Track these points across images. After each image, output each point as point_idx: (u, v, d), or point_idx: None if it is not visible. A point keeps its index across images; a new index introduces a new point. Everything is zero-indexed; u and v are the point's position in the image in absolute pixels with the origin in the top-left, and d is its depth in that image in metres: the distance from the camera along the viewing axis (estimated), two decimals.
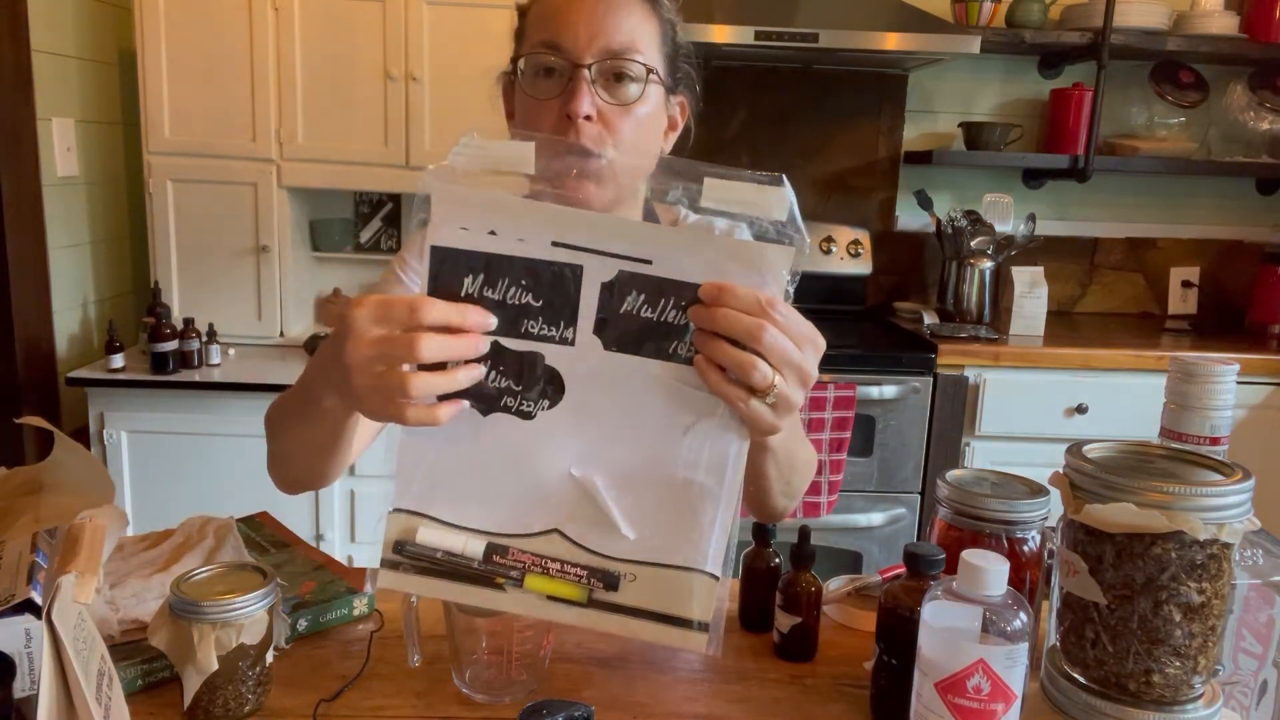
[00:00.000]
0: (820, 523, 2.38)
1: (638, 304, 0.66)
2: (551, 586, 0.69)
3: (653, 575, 0.68)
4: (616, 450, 0.67)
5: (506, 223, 0.65)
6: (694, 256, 0.65)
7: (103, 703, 0.66)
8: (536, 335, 0.66)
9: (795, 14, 2.50)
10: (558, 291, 0.65)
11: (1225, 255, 3.04)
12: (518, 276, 0.65)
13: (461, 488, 0.68)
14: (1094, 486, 0.68)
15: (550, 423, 0.67)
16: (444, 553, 0.68)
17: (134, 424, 2.35)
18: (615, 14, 0.97)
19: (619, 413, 0.67)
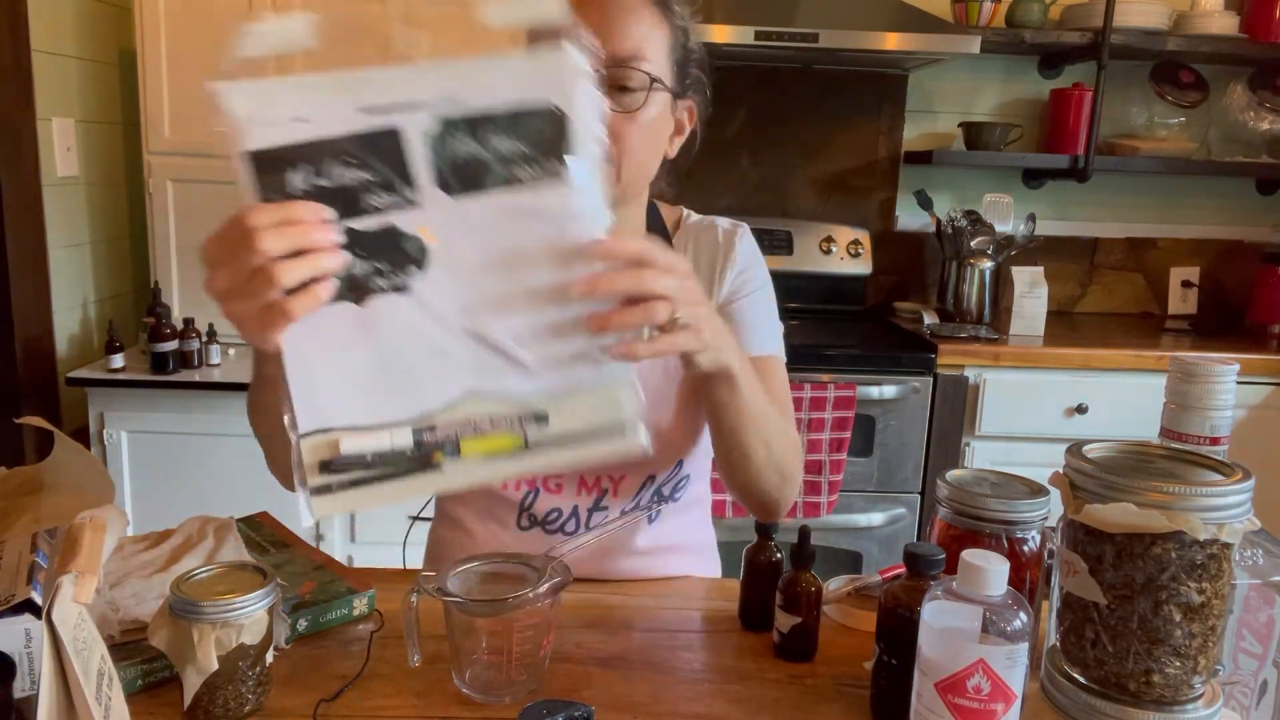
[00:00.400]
0: (820, 523, 2.38)
1: (463, 143, 0.65)
2: (488, 444, 0.68)
3: (573, 400, 0.68)
4: (497, 291, 0.67)
5: (308, 104, 0.63)
6: (495, 80, 0.65)
7: (103, 703, 0.66)
8: (382, 207, 0.65)
9: (795, 14, 2.50)
10: (384, 157, 0.64)
11: (1225, 255, 3.04)
12: (341, 155, 0.64)
13: (363, 386, 0.67)
14: (1094, 486, 0.68)
15: (427, 288, 0.66)
16: (374, 454, 0.67)
17: (134, 424, 2.35)
18: (624, 21, 0.97)
19: (486, 254, 0.67)
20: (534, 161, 0.66)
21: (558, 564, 0.87)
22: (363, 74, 0.64)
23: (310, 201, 0.64)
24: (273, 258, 0.63)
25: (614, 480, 1.11)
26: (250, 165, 0.64)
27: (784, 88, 2.89)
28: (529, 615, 0.84)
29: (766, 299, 1.14)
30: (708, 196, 2.84)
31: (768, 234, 2.81)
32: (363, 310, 0.66)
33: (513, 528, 1.12)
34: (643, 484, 1.11)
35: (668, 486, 1.13)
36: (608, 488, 1.11)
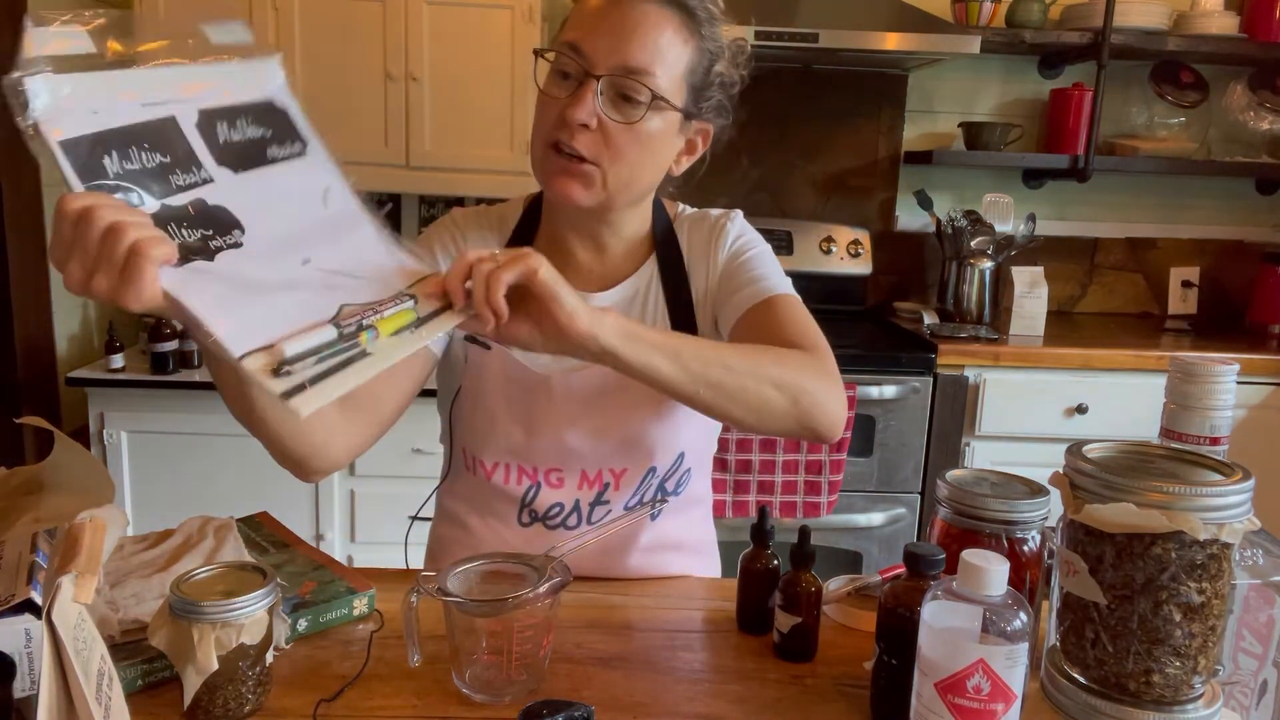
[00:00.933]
0: (820, 523, 2.38)
1: (226, 131, 0.76)
2: (394, 321, 0.75)
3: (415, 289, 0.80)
4: (305, 234, 0.78)
5: (97, 99, 0.68)
6: (234, 84, 0.78)
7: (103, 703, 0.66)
8: (186, 185, 0.72)
9: (795, 14, 2.50)
10: (173, 143, 0.72)
11: (1225, 255, 3.04)
12: (139, 141, 0.70)
13: (270, 308, 0.72)
14: (1094, 486, 0.68)
15: (254, 242, 0.74)
16: (315, 347, 0.70)
17: (134, 424, 2.35)
18: (643, 33, 0.97)
19: (285, 211, 0.78)
20: (281, 143, 0.80)
21: (558, 564, 0.87)
22: (135, 73, 0.71)
23: (89, 194, 0.67)
24: (112, 221, 0.66)
25: (615, 474, 1.11)
26: (66, 154, 0.66)
27: (784, 88, 2.89)
28: (529, 615, 0.84)
29: (763, 253, 1.12)
30: (708, 196, 2.82)
31: (768, 234, 2.77)
32: (217, 266, 0.71)
33: (514, 524, 1.12)
34: (644, 477, 1.12)
35: (670, 481, 1.13)
36: (609, 482, 1.11)
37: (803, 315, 1.07)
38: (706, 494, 1.24)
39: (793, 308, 1.07)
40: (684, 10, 0.99)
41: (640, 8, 0.97)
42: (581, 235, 1.10)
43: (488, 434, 1.11)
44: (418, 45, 2.44)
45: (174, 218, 0.70)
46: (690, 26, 0.99)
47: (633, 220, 1.11)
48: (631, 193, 1.05)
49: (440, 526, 1.21)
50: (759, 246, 1.14)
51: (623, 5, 0.97)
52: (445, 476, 1.20)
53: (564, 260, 1.10)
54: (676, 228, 1.15)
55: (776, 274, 1.10)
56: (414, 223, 2.86)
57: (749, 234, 1.15)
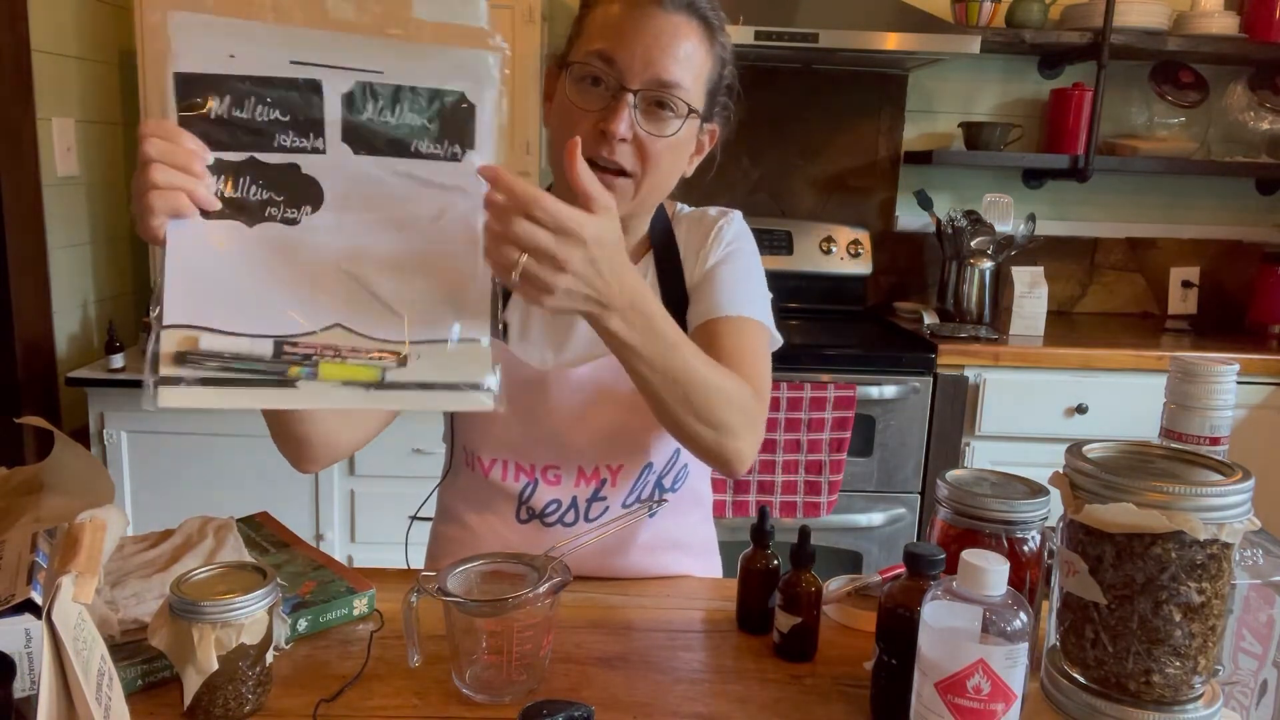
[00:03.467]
0: (820, 523, 2.38)
1: (376, 110, 0.73)
2: (346, 371, 0.72)
3: (431, 350, 0.74)
4: (378, 243, 0.74)
5: (244, 46, 0.69)
6: (420, 64, 0.73)
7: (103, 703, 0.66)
8: (290, 148, 0.71)
9: (795, 14, 2.50)
10: (302, 105, 0.71)
11: (1225, 255, 3.04)
12: (263, 95, 0.70)
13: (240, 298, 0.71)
14: (1094, 486, 0.68)
15: (315, 226, 0.72)
16: (231, 354, 0.70)
17: (134, 424, 2.35)
18: (675, 46, 0.98)
19: (376, 210, 0.74)
20: (438, 141, 0.74)
21: (558, 564, 0.87)
22: (302, 31, 0.70)
23: (191, 136, 0.70)
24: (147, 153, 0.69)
25: (612, 471, 1.11)
26: (174, 84, 0.69)
27: (784, 88, 2.89)
28: (529, 615, 0.84)
29: (747, 268, 1.13)
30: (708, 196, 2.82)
31: (768, 234, 2.81)
32: (251, 232, 0.72)
33: (512, 521, 1.12)
34: (641, 473, 1.12)
35: (667, 477, 1.14)
36: (606, 478, 1.11)
37: (751, 344, 1.07)
38: (706, 493, 1.24)
39: (748, 336, 1.07)
40: (703, 20, 1.00)
41: (670, 19, 0.98)
42: None
43: (485, 430, 1.11)
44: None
45: (252, 172, 0.71)
46: (710, 36, 1.01)
47: (644, 220, 1.13)
48: (656, 198, 1.08)
49: (440, 525, 1.22)
50: (746, 258, 1.14)
51: (652, 16, 0.98)
52: (445, 474, 1.21)
53: None
54: (674, 225, 1.16)
55: (751, 291, 1.11)
56: None
57: (742, 240, 1.15)
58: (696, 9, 1.00)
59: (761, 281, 1.14)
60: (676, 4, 0.98)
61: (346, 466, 2.41)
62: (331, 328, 0.73)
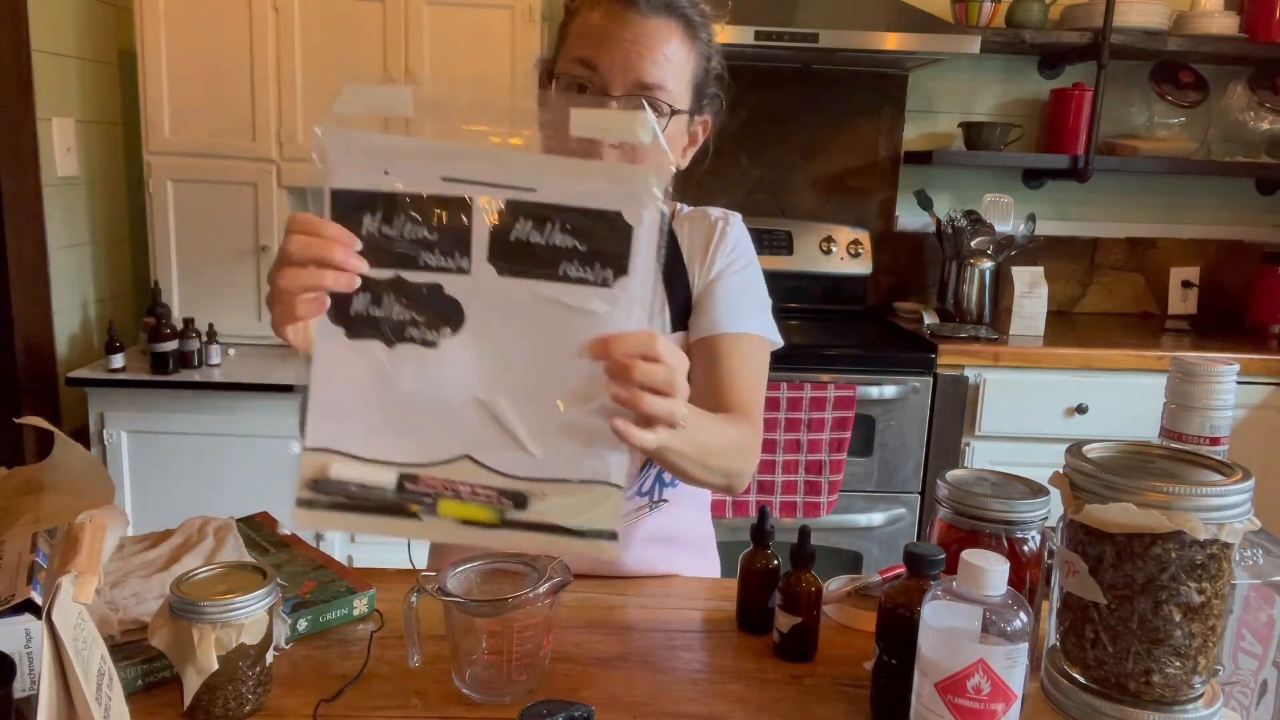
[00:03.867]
0: (820, 523, 2.38)
1: (526, 229, 0.69)
2: (464, 510, 0.70)
3: (560, 491, 0.70)
4: (517, 372, 0.70)
5: (398, 161, 0.68)
6: (575, 181, 0.68)
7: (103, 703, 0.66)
8: (435, 267, 0.69)
9: (795, 14, 2.50)
10: (450, 223, 0.69)
11: (1225, 255, 3.04)
12: (412, 212, 0.68)
13: (372, 421, 0.70)
14: (1094, 486, 0.68)
15: (453, 350, 0.70)
16: (358, 485, 0.70)
17: (134, 424, 2.35)
18: (654, 48, 0.99)
19: (517, 336, 0.70)
20: (589, 264, 0.69)
21: (558, 564, 0.87)
22: (455, 146, 0.69)
23: (347, 243, 0.68)
24: (295, 259, 0.68)
25: None
26: (331, 200, 0.69)
27: (784, 88, 2.89)
28: (529, 615, 0.84)
29: (752, 279, 1.16)
30: (708, 196, 2.82)
31: (768, 234, 2.81)
32: (390, 353, 0.70)
33: None
34: (643, 466, 1.12)
35: (668, 473, 1.14)
36: None
37: (754, 361, 1.11)
38: (706, 491, 1.24)
39: (747, 353, 1.11)
40: (684, 19, 1.01)
41: (649, 22, 0.99)
42: None
43: None
44: (418, 45, 2.44)
45: (396, 291, 0.69)
46: (691, 33, 1.02)
47: None
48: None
49: None
50: (748, 268, 1.16)
51: (630, 21, 0.99)
52: None
53: None
54: (675, 225, 1.17)
55: (753, 304, 1.14)
56: None
57: (743, 247, 1.17)
58: (676, 8, 1.00)
59: (762, 289, 1.16)
60: (654, 6, 0.99)
61: None
62: (459, 459, 0.70)
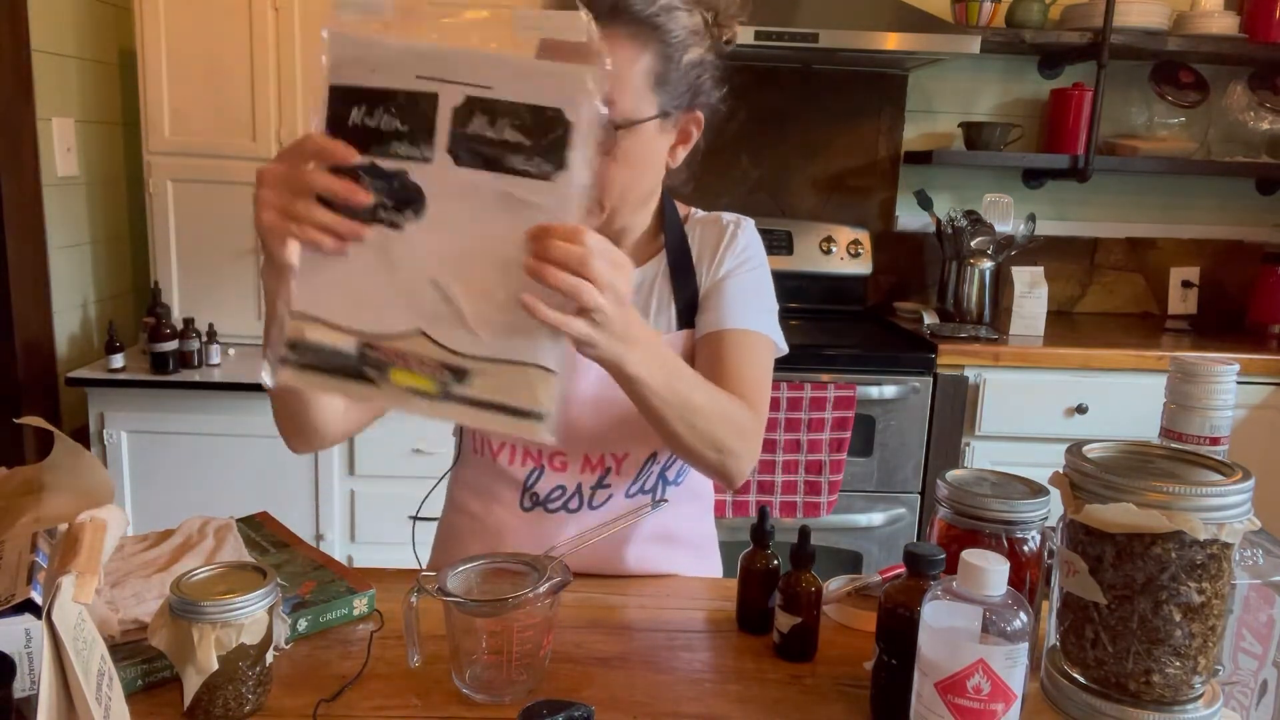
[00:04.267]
0: (820, 523, 2.38)
1: (481, 124, 0.75)
2: (412, 380, 0.76)
3: (497, 370, 0.76)
4: (468, 258, 0.76)
5: (382, 61, 0.76)
6: (525, 80, 0.74)
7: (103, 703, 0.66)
8: (403, 155, 0.76)
9: (795, 14, 2.50)
10: (418, 116, 0.75)
11: (1225, 255, 3.04)
12: (389, 105, 0.76)
13: (343, 292, 0.77)
14: (1094, 486, 0.68)
15: (416, 233, 0.76)
16: (329, 349, 0.77)
17: (134, 424, 2.35)
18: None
19: (469, 223, 0.76)
20: (532, 158, 0.74)
21: (558, 564, 0.88)
22: (428, 46, 0.75)
23: (346, 145, 0.75)
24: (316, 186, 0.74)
25: (617, 459, 1.12)
26: (330, 95, 0.76)
27: (784, 88, 2.89)
28: (529, 615, 0.84)
29: (761, 282, 1.15)
30: (708, 196, 2.83)
31: (768, 234, 2.80)
32: (364, 231, 0.77)
33: (515, 508, 1.14)
34: (645, 463, 1.13)
35: (670, 470, 1.14)
36: (611, 466, 1.12)
37: (755, 358, 1.10)
38: (707, 490, 1.24)
39: (752, 350, 1.10)
40: (632, 21, 0.99)
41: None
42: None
43: None
44: None
45: (372, 175, 0.76)
46: (642, 34, 0.99)
47: (643, 219, 1.14)
48: (630, 203, 1.08)
49: (447, 515, 1.24)
50: (757, 270, 1.15)
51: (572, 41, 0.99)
52: (454, 465, 1.23)
53: None
54: (688, 228, 1.17)
55: (758, 303, 1.13)
56: None
57: (754, 249, 1.17)
58: (619, 13, 0.98)
59: (770, 293, 1.16)
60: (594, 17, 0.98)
61: (347, 466, 2.41)
62: (413, 333, 0.76)
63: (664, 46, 1.01)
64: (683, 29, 1.02)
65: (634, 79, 1.00)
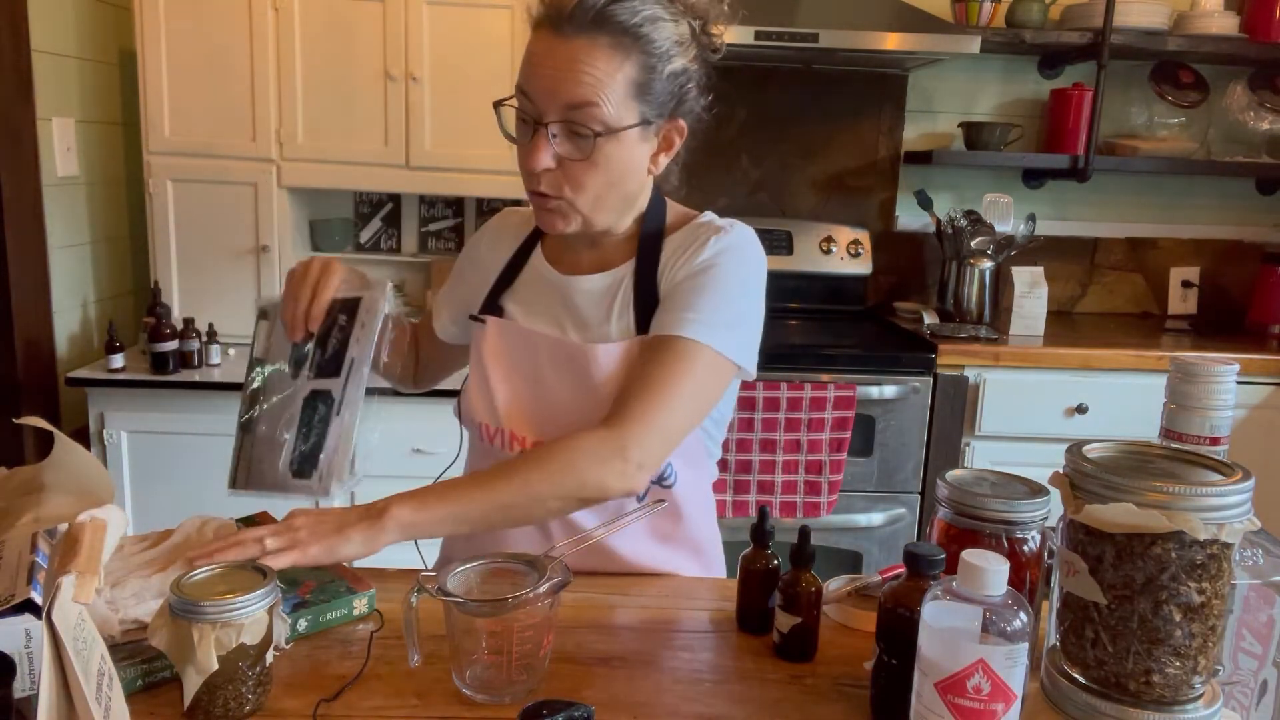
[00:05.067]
0: (820, 523, 2.38)
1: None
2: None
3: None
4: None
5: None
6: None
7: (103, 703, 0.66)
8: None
9: (795, 14, 2.50)
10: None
11: (1225, 255, 3.04)
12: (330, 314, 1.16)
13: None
14: (1094, 486, 0.68)
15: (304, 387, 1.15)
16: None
17: (134, 424, 2.35)
18: (576, 68, 0.99)
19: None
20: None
21: (558, 564, 0.87)
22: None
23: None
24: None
25: None
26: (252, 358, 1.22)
27: (784, 88, 2.89)
28: (529, 615, 0.84)
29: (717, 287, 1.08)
30: (708, 197, 2.84)
31: (768, 234, 2.81)
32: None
33: None
34: None
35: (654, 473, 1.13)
36: None
37: (672, 368, 1.04)
38: (706, 490, 1.24)
39: (673, 359, 1.04)
40: (615, 31, 0.99)
41: (570, 45, 0.99)
42: (579, 234, 1.14)
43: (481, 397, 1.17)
44: (418, 45, 2.44)
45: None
46: (625, 44, 1.00)
47: (625, 221, 1.15)
48: (608, 207, 1.09)
49: None
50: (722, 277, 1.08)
51: (553, 46, 1.01)
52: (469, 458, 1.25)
53: (566, 248, 1.19)
54: (670, 231, 1.15)
55: (710, 312, 1.06)
56: (414, 222, 2.86)
57: (727, 256, 1.10)
58: (602, 23, 0.98)
59: (733, 304, 1.09)
60: (578, 26, 0.99)
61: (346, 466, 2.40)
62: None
63: (646, 57, 1.02)
64: (667, 39, 1.03)
65: (615, 88, 1.01)
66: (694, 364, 1.05)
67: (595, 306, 1.14)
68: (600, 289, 1.15)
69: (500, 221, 1.29)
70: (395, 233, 2.85)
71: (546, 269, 1.19)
